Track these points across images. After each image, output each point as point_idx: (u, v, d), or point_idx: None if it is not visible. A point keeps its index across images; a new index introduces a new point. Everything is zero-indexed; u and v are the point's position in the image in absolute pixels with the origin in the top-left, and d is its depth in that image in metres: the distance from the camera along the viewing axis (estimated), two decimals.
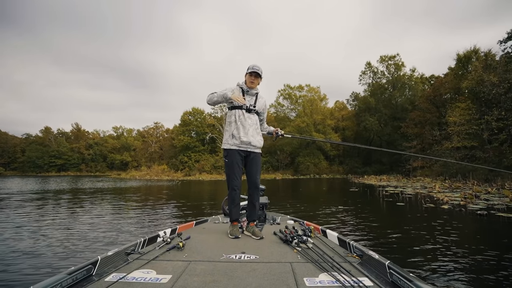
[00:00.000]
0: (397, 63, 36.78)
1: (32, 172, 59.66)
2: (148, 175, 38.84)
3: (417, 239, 4.08)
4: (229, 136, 2.59)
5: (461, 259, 3.14)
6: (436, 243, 3.82)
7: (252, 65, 2.64)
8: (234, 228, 2.56)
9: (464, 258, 3.19)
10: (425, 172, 24.27)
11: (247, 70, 2.66)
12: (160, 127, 62.63)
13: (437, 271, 2.79)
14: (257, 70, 2.61)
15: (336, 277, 1.51)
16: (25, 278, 2.65)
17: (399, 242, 3.94)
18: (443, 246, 3.69)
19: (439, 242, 3.86)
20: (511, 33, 18.63)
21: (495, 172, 16.73)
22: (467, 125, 19.87)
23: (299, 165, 37.80)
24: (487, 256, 3.24)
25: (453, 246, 3.68)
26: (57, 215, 6.35)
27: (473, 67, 21.32)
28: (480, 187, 12.77)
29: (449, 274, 2.71)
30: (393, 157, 31.92)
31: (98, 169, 63.64)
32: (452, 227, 4.78)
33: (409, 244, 3.83)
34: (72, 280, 1.43)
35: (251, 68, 2.62)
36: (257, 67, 2.64)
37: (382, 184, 17.64)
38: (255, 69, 2.61)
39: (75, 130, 70.19)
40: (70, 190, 14.15)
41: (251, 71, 2.61)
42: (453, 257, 3.23)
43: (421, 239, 4.05)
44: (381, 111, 35.76)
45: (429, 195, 10.10)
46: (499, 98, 17.80)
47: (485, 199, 8.54)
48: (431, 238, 4.12)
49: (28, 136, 66.93)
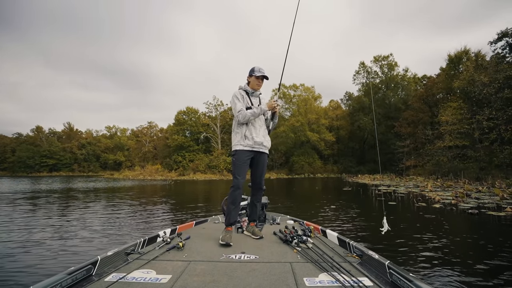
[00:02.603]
0: (390, 63, 37.13)
1: (23, 172, 58.55)
2: (142, 175, 38.49)
3: (406, 238, 4.08)
4: (241, 137, 2.55)
5: (452, 258, 3.15)
6: (425, 242, 3.83)
7: (258, 68, 2.63)
8: (227, 234, 2.34)
9: (454, 256, 3.20)
10: (418, 171, 24.57)
11: (253, 73, 2.63)
12: (154, 127, 62.05)
13: (426, 269, 2.81)
14: (264, 73, 2.63)
15: (336, 277, 1.51)
16: (25, 278, 2.64)
17: (388, 241, 3.91)
18: (433, 244, 3.71)
19: (429, 241, 3.88)
20: (501, 34, 18.96)
21: (486, 171, 17.01)
22: (458, 125, 20.16)
23: (293, 165, 37.90)
24: (479, 254, 3.29)
25: (443, 244, 3.71)
26: (51, 216, 6.24)
27: (464, 67, 21.64)
28: (472, 185, 12.95)
29: (439, 272, 2.73)
30: (387, 156, 32.21)
31: (91, 169, 62.77)
32: (443, 226, 4.82)
33: (399, 243, 3.81)
34: (72, 280, 1.43)
35: (258, 72, 2.61)
36: (263, 70, 2.65)
37: (375, 183, 17.78)
38: (262, 72, 2.61)
39: (67, 129, 69.13)
40: (61, 191, 13.87)
41: (260, 75, 2.60)
42: (442, 255, 3.24)
43: (411, 238, 4.07)
44: (374, 110, 36.05)
45: (421, 194, 10.18)
46: (490, 98, 18.11)
47: (476, 197, 8.65)
48: (421, 236, 4.14)
49: (18, 136, 65.67)
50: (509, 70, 16.95)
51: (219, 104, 44.54)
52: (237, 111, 2.53)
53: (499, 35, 19.06)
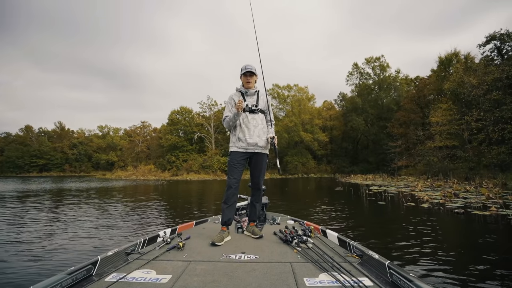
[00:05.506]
0: (382, 65, 37.58)
1: (12, 172, 57.28)
2: (134, 175, 38.11)
3: (393, 237, 4.11)
4: (236, 139, 2.59)
5: (436, 257, 3.19)
6: (412, 241, 3.88)
7: (245, 66, 2.66)
8: (218, 234, 2.36)
9: (439, 255, 3.25)
10: (410, 171, 24.93)
11: (241, 72, 2.66)
12: (147, 127, 61.41)
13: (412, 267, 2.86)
14: (250, 69, 2.62)
15: (336, 277, 1.52)
16: (25, 278, 2.62)
17: (375, 241, 3.96)
18: (419, 243, 3.76)
19: (415, 240, 3.93)
20: (489, 37, 19.39)
21: (475, 171, 17.35)
22: (448, 125, 20.52)
23: (287, 165, 37.97)
24: (463, 253, 3.38)
25: (427, 243, 3.75)
26: (46, 216, 6.13)
27: (454, 70, 22.04)
28: (460, 185, 13.19)
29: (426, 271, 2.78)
30: (379, 157, 32.58)
31: (83, 169, 61.72)
32: (430, 226, 4.89)
33: (386, 242, 3.85)
34: (72, 280, 1.43)
35: (244, 69, 2.64)
36: (250, 66, 2.65)
37: (367, 183, 17.96)
38: (248, 68, 2.62)
39: (58, 129, 67.88)
40: (54, 191, 13.61)
41: (245, 71, 2.63)
42: (429, 254, 3.28)
43: (398, 238, 4.10)
44: (367, 111, 36.44)
45: (410, 194, 10.33)
46: (478, 99, 18.50)
47: (464, 197, 8.81)
48: (408, 235, 4.20)
49: (7, 135, 64.21)
50: (497, 72, 17.33)
51: (213, 104, 44.40)
52: (223, 119, 2.66)
53: (488, 38, 19.52)
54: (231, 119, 2.58)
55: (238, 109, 2.47)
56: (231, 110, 2.62)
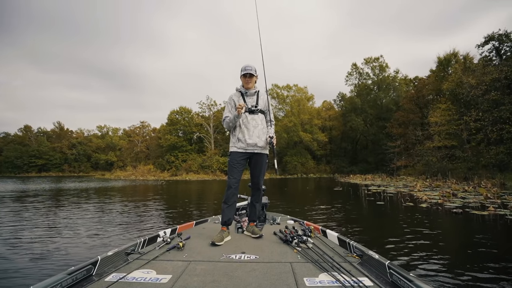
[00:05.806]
0: (381, 65, 37.65)
1: (10, 173, 57.03)
2: (134, 175, 38.02)
3: (390, 237, 4.13)
4: (236, 139, 2.61)
5: (435, 256, 3.21)
6: (409, 241, 3.89)
7: (244, 66, 2.65)
8: (218, 234, 2.38)
9: (436, 254, 3.27)
10: (409, 171, 24.96)
11: (241, 72, 2.67)
12: (146, 127, 61.29)
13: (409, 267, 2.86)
14: (249, 70, 2.62)
15: (336, 277, 1.52)
16: (25, 278, 2.63)
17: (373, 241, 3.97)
18: (417, 243, 3.78)
19: (413, 240, 3.95)
20: (488, 37, 19.45)
21: (474, 171, 17.40)
22: (447, 126, 20.55)
23: (286, 165, 37.95)
24: (461, 253, 3.41)
25: (426, 243, 3.77)
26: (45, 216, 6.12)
27: (453, 70, 22.09)
28: (459, 185, 13.23)
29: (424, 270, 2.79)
30: (378, 157, 32.62)
31: (82, 169, 61.51)
32: (426, 225, 4.92)
33: (381, 243, 3.86)
34: (72, 280, 1.43)
35: (243, 70, 2.64)
36: (249, 67, 2.64)
37: (366, 183, 17.99)
38: (247, 70, 2.62)
39: (57, 129, 67.69)
40: (54, 191, 13.57)
41: (244, 72, 2.63)
42: (427, 254, 3.29)
43: (394, 237, 4.12)
44: (366, 111, 36.48)
45: (409, 194, 10.35)
46: (477, 99, 18.54)
47: (462, 197, 8.84)
48: (406, 235, 4.21)
49: (6, 135, 63.96)
50: (495, 72, 17.38)
51: (212, 104, 44.37)
52: (222, 119, 2.67)
53: (486, 38, 19.58)
54: (231, 120, 2.59)
55: (239, 112, 2.48)
56: (231, 110, 2.64)
